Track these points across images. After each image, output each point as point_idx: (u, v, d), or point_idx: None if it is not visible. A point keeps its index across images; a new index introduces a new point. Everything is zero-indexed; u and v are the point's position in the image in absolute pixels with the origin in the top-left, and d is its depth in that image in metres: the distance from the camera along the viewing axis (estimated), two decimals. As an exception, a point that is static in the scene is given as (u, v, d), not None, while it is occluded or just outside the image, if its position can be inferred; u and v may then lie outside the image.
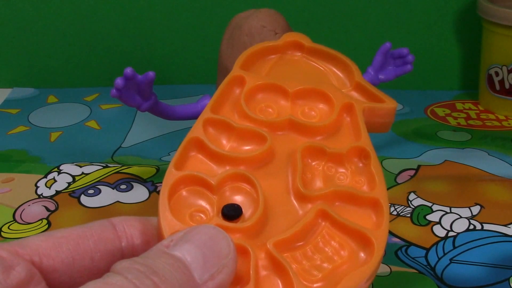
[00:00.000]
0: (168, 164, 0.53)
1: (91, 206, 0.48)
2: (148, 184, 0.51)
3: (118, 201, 0.49)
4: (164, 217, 0.24)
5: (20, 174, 0.54)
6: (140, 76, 0.45)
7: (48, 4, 0.71)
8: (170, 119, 0.49)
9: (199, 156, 0.28)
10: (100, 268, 0.23)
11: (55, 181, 0.52)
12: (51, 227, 0.46)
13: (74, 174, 0.53)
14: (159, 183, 0.51)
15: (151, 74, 0.45)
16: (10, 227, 0.46)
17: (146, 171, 0.53)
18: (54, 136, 0.61)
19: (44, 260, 0.22)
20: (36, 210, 0.48)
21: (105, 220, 0.24)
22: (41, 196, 0.50)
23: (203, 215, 0.25)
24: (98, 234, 0.23)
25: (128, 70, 0.44)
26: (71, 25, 0.72)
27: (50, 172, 0.53)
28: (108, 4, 0.71)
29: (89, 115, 0.66)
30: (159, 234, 0.24)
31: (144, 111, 0.47)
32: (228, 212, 0.25)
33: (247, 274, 0.23)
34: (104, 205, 0.48)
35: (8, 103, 0.70)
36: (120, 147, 0.59)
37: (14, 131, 0.62)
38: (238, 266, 0.22)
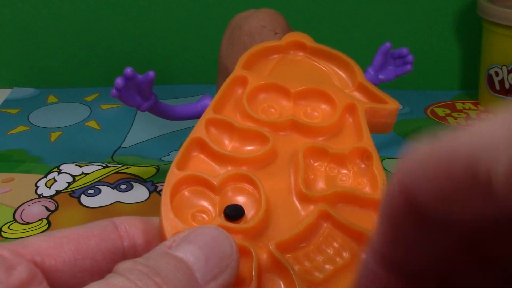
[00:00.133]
0: (168, 164, 0.53)
1: (91, 206, 0.48)
2: (148, 184, 0.51)
3: (118, 201, 0.49)
4: (166, 217, 0.24)
5: (20, 174, 0.53)
6: (140, 76, 0.45)
7: (48, 4, 0.70)
8: (170, 119, 0.49)
9: (201, 156, 0.28)
10: (102, 268, 0.23)
11: (55, 181, 0.52)
12: (51, 227, 0.46)
13: (74, 174, 0.53)
14: (159, 183, 0.51)
15: (151, 74, 0.45)
16: (10, 227, 0.46)
17: (146, 171, 0.53)
18: (54, 136, 0.61)
19: (46, 260, 0.22)
20: (36, 210, 0.48)
21: (107, 220, 0.24)
22: (41, 196, 0.50)
23: (205, 216, 0.25)
24: (100, 234, 0.23)
25: (128, 70, 0.43)
26: (71, 25, 0.71)
27: (50, 172, 0.53)
28: (108, 4, 0.71)
29: (89, 115, 0.66)
30: (161, 234, 0.24)
31: (144, 111, 0.47)
32: (231, 212, 0.25)
33: (249, 275, 0.23)
34: (104, 205, 0.48)
35: (8, 103, 0.70)
36: (120, 147, 0.59)
37: (14, 131, 0.62)
38: (240, 267, 0.22)
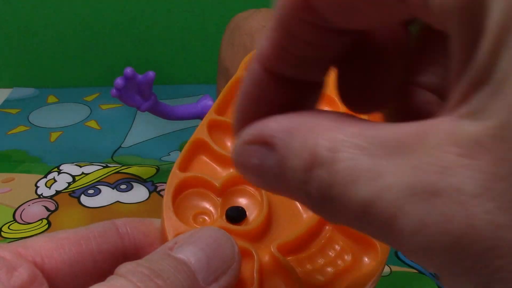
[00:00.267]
0: (168, 164, 0.53)
1: (91, 206, 0.48)
2: (148, 184, 0.51)
3: (118, 201, 0.49)
4: (168, 218, 0.24)
5: (20, 174, 0.53)
6: (140, 76, 0.45)
7: (48, 4, 0.70)
8: (170, 119, 0.49)
9: (204, 158, 0.27)
10: (103, 270, 0.23)
11: (55, 181, 0.52)
12: (51, 227, 0.46)
13: (74, 174, 0.53)
14: (159, 183, 0.51)
15: (151, 74, 0.45)
16: (10, 227, 0.46)
17: (146, 171, 0.53)
18: (54, 136, 0.61)
19: (47, 261, 0.22)
20: (36, 210, 0.48)
21: (108, 222, 0.24)
22: (41, 196, 0.50)
23: (207, 217, 0.25)
24: (101, 235, 0.23)
25: (128, 70, 0.44)
26: (71, 25, 0.71)
27: (50, 172, 0.53)
28: (108, 4, 0.71)
29: (89, 115, 0.66)
30: (163, 235, 0.24)
31: (144, 111, 0.47)
32: (232, 214, 0.25)
33: (251, 277, 0.23)
34: (104, 205, 0.48)
35: (8, 103, 0.70)
36: (120, 147, 0.59)
37: (14, 131, 0.62)
38: (242, 269, 0.22)
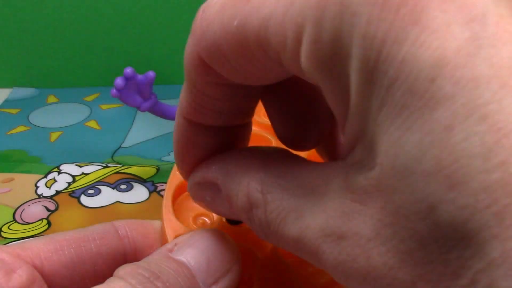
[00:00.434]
0: (168, 164, 0.53)
1: (91, 206, 0.48)
2: (148, 184, 0.51)
3: (118, 201, 0.49)
4: (167, 220, 0.24)
5: (20, 174, 0.53)
6: (140, 76, 0.45)
7: (48, 4, 0.70)
8: (170, 119, 0.49)
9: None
10: (102, 272, 0.23)
11: (55, 181, 0.52)
12: (51, 227, 0.46)
13: (74, 174, 0.53)
14: (159, 183, 0.51)
15: (151, 74, 0.45)
16: (10, 227, 0.46)
17: (146, 171, 0.53)
18: (54, 136, 0.61)
19: (46, 264, 0.22)
20: (36, 210, 0.48)
21: (107, 224, 0.24)
22: (41, 196, 0.50)
23: (206, 219, 0.25)
24: (101, 237, 0.23)
25: (128, 70, 0.43)
26: (71, 25, 0.71)
27: (50, 172, 0.53)
28: (108, 4, 0.70)
29: (89, 115, 0.66)
30: (163, 237, 0.24)
31: (144, 111, 0.47)
32: (232, 215, 0.25)
33: (251, 278, 0.23)
34: (104, 205, 0.48)
35: (8, 103, 0.70)
36: (120, 147, 0.59)
37: (14, 131, 0.62)
38: (242, 270, 0.22)
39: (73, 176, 0.52)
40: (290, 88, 0.20)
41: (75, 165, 0.54)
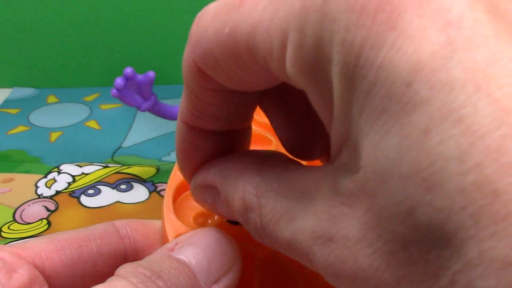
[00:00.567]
0: (168, 164, 0.53)
1: (91, 206, 0.48)
2: (148, 184, 0.51)
3: (118, 201, 0.49)
4: (168, 219, 0.24)
5: (20, 174, 0.53)
6: (140, 76, 0.45)
7: (48, 4, 0.70)
8: (170, 119, 0.49)
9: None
10: (103, 271, 0.23)
11: (55, 181, 0.52)
12: (51, 227, 0.46)
13: (74, 174, 0.53)
14: (159, 183, 0.51)
15: (151, 74, 0.45)
16: (10, 227, 0.46)
17: (146, 171, 0.53)
18: (54, 136, 0.61)
19: (47, 263, 0.22)
20: (36, 210, 0.48)
21: (108, 223, 0.24)
22: (41, 196, 0.50)
23: (207, 218, 0.25)
24: (101, 237, 0.23)
25: (128, 70, 0.43)
26: (71, 25, 0.71)
27: (50, 172, 0.53)
28: (108, 4, 0.70)
29: (89, 115, 0.66)
30: (164, 236, 0.24)
31: (144, 111, 0.47)
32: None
33: (252, 277, 0.23)
34: (104, 205, 0.48)
35: (8, 103, 0.70)
36: (120, 147, 0.59)
37: (14, 131, 0.62)
38: (243, 269, 0.22)
39: (73, 176, 0.52)
40: (290, 96, 0.20)
41: (75, 165, 0.54)
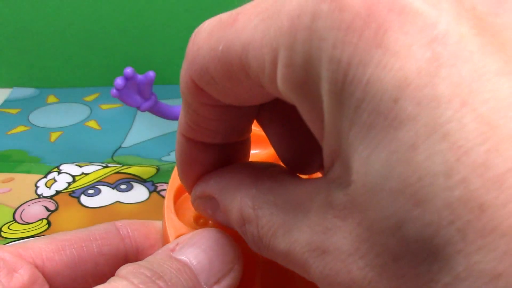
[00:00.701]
0: (168, 164, 0.53)
1: (91, 206, 0.48)
2: (148, 184, 0.51)
3: (118, 201, 0.49)
4: (169, 220, 0.24)
5: (20, 174, 0.53)
6: (140, 76, 0.45)
7: (48, 4, 0.70)
8: (170, 119, 0.49)
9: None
10: (104, 272, 0.23)
11: (55, 181, 0.52)
12: (51, 227, 0.46)
13: (74, 174, 0.53)
14: (159, 183, 0.51)
15: (151, 74, 0.45)
16: (10, 227, 0.46)
17: (146, 171, 0.53)
18: (54, 136, 0.61)
19: (47, 264, 0.22)
20: (36, 210, 0.48)
21: (109, 224, 0.24)
22: (41, 196, 0.50)
23: (208, 219, 0.25)
24: (102, 237, 0.23)
25: (128, 70, 0.43)
26: (71, 25, 0.71)
27: (50, 172, 0.53)
28: (108, 4, 0.70)
29: (89, 115, 0.66)
30: (164, 237, 0.24)
31: (144, 111, 0.47)
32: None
33: (253, 278, 0.23)
34: (104, 205, 0.48)
35: (8, 103, 0.70)
36: (120, 147, 0.59)
37: (14, 131, 0.62)
38: (244, 270, 0.22)
39: (73, 176, 0.52)
40: (286, 110, 0.21)
41: (75, 165, 0.54)
